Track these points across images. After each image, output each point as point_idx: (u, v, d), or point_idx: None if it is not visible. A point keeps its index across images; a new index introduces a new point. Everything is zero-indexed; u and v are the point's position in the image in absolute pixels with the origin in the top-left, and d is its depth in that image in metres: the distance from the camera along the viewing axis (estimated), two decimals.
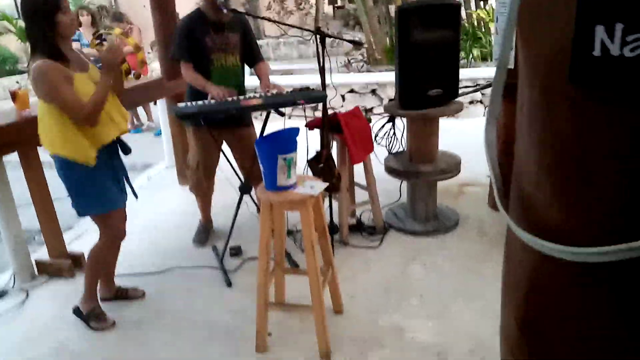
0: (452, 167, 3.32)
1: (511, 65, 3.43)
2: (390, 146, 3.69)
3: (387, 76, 6.70)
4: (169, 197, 4.31)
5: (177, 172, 4.55)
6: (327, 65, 2.80)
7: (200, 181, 3.28)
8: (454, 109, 3.29)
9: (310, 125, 3.26)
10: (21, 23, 12.86)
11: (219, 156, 3.21)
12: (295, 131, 2.23)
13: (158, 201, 4.22)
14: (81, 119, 2.18)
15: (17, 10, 13.50)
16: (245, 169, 3.24)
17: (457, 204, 3.74)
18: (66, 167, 2.28)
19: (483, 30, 8.08)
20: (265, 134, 2.89)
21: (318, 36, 2.82)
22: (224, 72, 3.07)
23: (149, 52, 10.90)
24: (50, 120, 2.20)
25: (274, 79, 3.54)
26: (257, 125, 3.22)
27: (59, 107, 2.16)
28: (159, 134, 6.02)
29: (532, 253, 0.86)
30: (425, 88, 3.20)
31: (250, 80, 3.91)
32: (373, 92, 6.64)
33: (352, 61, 8.19)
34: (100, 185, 2.37)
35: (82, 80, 2.24)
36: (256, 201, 3.41)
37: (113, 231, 2.49)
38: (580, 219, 0.78)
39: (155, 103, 5.89)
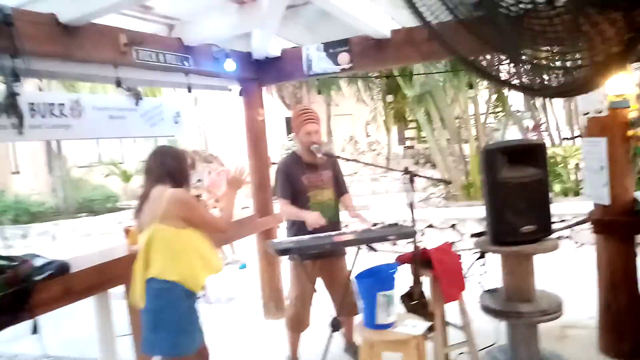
0: (555, 307, 3.11)
1: (607, 202, 3.35)
2: (483, 284, 3.56)
3: (466, 212, 6.70)
4: (254, 331, 4.30)
5: (263, 306, 4.59)
6: (407, 202, 2.92)
7: (298, 315, 3.28)
8: (549, 246, 3.18)
9: (400, 260, 3.25)
10: (124, 167, 14.53)
11: (313, 289, 3.24)
12: (393, 267, 2.25)
13: (243, 334, 4.21)
14: (223, 229, 2.53)
15: (122, 156, 15.39)
16: (336, 303, 3.22)
17: (562, 349, 3.41)
18: (167, 296, 2.32)
19: (561, 165, 8.05)
20: (356, 268, 2.92)
21: (407, 175, 2.98)
22: (320, 206, 3.26)
23: None
24: (173, 245, 2.35)
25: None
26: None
27: (198, 225, 2.41)
28: (243, 267, 6.19)
29: None
30: (517, 225, 3.16)
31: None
32: (452, 226, 6.60)
33: (430, 197, 8.30)
34: (195, 321, 2.44)
35: None
36: (345, 337, 3.32)
37: None
38: None
39: None
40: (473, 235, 6.63)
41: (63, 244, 10.98)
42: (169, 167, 2.49)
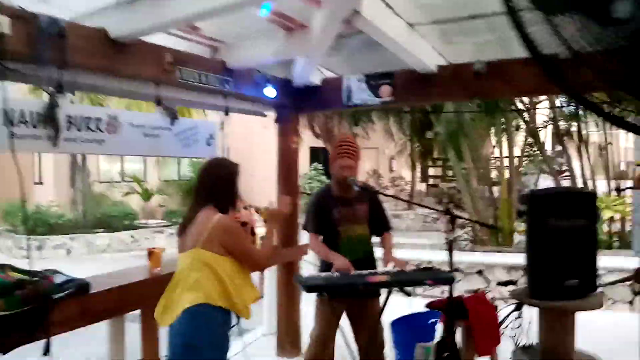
0: None
1: None
2: (517, 338, 3.34)
3: (494, 258, 6.48)
4: None
5: (277, 342, 4.40)
6: (430, 242, 2.75)
7: (317, 356, 3.08)
8: (594, 303, 2.99)
9: (431, 306, 3.07)
10: (147, 185, 14.55)
11: (337, 329, 3.05)
12: (435, 316, 2.09)
13: None
14: (262, 265, 2.54)
15: (145, 174, 15.45)
16: (362, 346, 3.03)
17: None
18: (209, 322, 2.26)
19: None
20: (388, 313, 2.76)
21: (448, 216, 2.84)
22: (351, 242, 3.10)
23: None
24: (218, 272, 2.27)
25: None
26: None
27: (240, 257, 2.33)
28: None
29: None
30: (561, 277, 2.98)
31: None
32: (479, 272, 6.36)
33: (457, 239, 8.05)
34: (227, 351, 2.40)
35: None
36: None
37: None
38: None
39: None
40: (500, 284, 6.38)
41: (77, 259, 10.94)
42: (219, 189, 2.43)
